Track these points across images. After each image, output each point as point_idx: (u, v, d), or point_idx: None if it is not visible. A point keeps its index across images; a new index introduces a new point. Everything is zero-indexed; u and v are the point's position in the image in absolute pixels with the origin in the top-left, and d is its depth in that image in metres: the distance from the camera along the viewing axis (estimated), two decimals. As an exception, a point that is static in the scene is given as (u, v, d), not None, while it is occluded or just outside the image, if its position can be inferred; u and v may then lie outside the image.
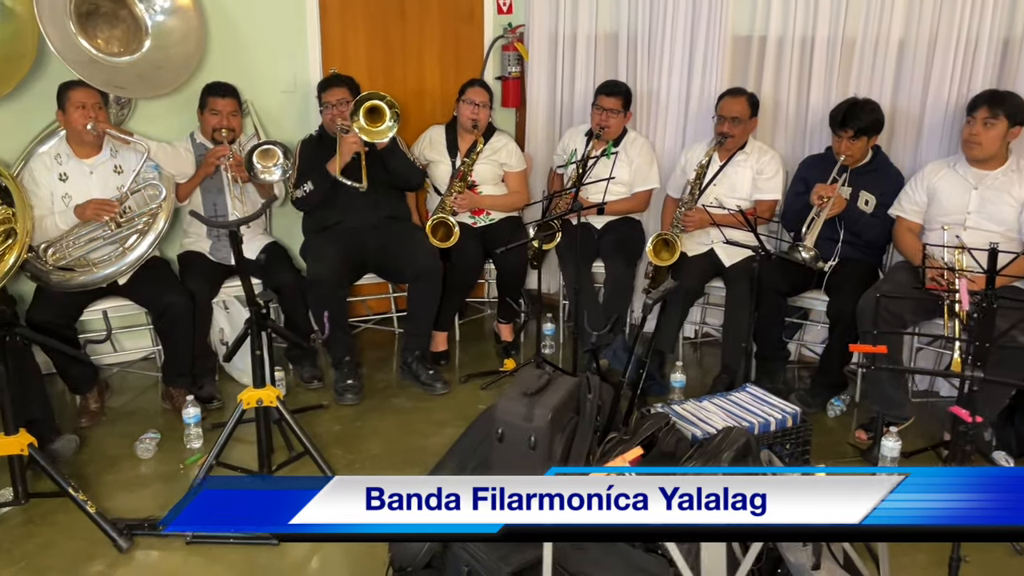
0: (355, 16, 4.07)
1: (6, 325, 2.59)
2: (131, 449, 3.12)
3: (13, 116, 3.41)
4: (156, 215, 3.34)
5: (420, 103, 4.25)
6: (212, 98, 3.54)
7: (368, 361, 3.91)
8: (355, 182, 3.50)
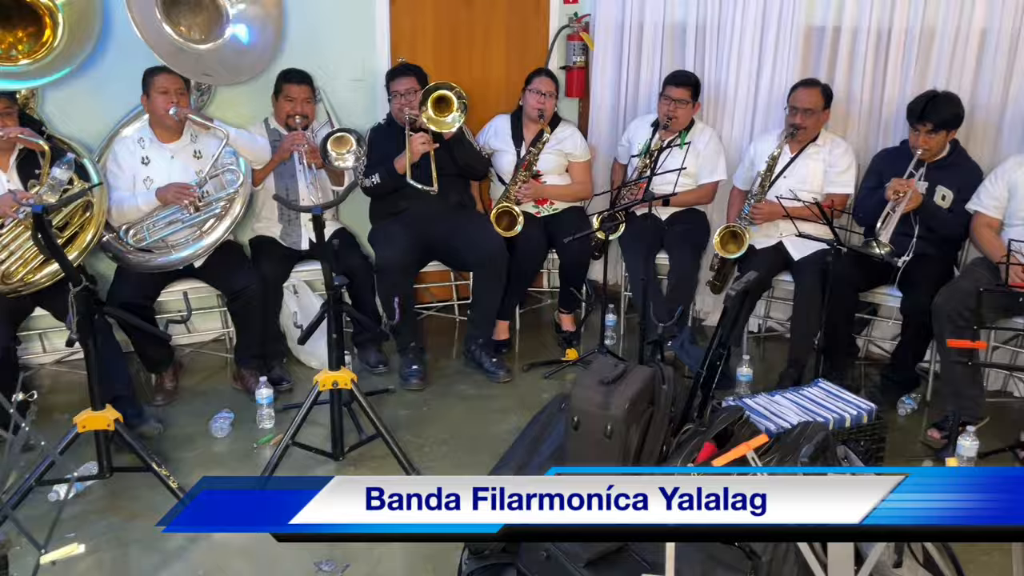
0: (423, 5, 4.11)
1: (94, 304, 2.66)
2: (206, 427, 3.20)
3: (99, 100, 3.51)
4: (233, 200, 3.42)
5: (485, 93, 4.27)
6: (287, 85, 3.59)
7: (431, 347, 3.95)
8: (426, 185, 3.51)
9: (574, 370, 3.78)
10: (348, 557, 2.50)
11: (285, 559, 2.50)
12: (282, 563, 2.49)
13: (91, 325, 2.63)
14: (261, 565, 2.50)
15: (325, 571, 2.45)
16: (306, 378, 3.64)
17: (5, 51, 3.17)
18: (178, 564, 2.48)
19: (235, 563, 2.49)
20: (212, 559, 2.48)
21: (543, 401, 3.40)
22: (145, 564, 2.47)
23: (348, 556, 2.51)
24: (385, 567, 2.51)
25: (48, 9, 3.17)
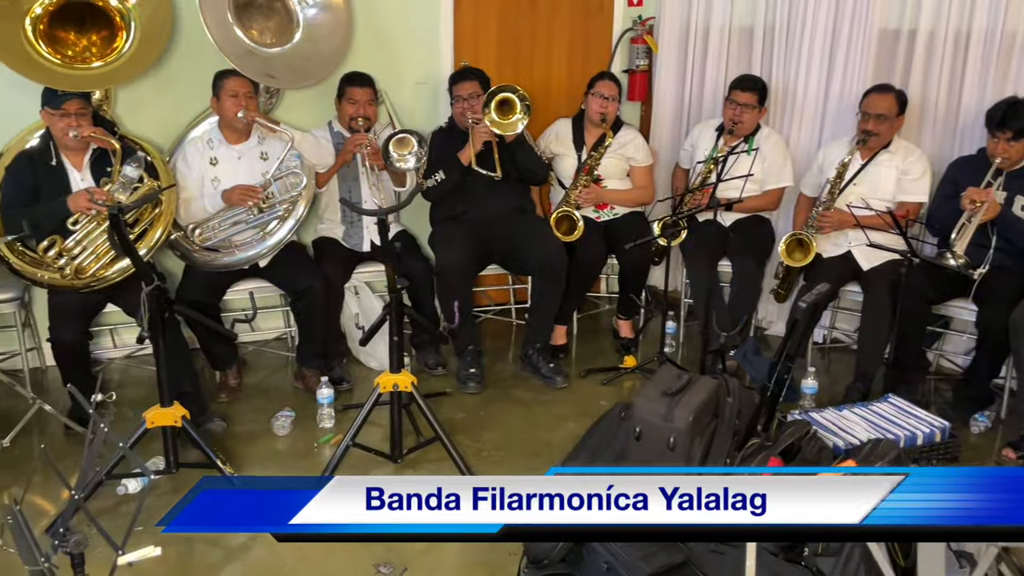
0: (488, 8, 4.11)
1: (165, 302, 2.72)
2: (268, 425, 3.25)
3: (170, 102, 3.59)
4: (296, 201, 3.46)
5: (547, 96, 4.25)
6: (350, 87, 3.62)
7: (487, 351, 3.95)
8: (489, 171, 3.52)
9: (632, 377, 3.74)
10: (405, 561, 2.51)
11: (344, 560, 2.51)
12: (341, 563, 2.51)
13: (162, 323, 2.69)
14: (320, 564, 2.52)
15: (383, 573, 2.46)
16: (365, 378, 3.68)
17: (79, 54, 3.27)
18: (240, 561, 2.52)
19: (295, 562, 2.51)
20: (274, 557, 2.51)
21: (601, 408, 3.38)
22: (209, 560, 2.51)
23: (405, 560, 2.51)
24: (441, 573, 2.51)
25: (120, 13, 3.26)
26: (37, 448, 3.07)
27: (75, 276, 3.02)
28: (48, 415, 3.07)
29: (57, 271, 3.02)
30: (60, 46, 3.22)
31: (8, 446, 2.97)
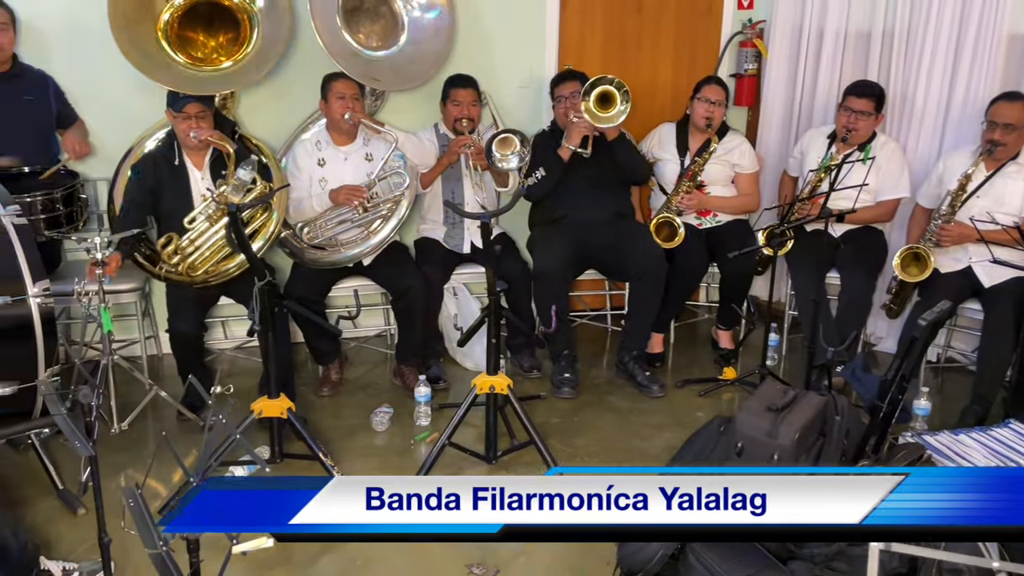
0: (593, 11, 4.09)
1: (276, 297, 2.82)
2: (367, 420, 3.32)
3: (281, 105, 3.71)
4: (399, 202, 3.52)
5: (651, 100, 4.20)
6: (454, 89, 3.66)
7: (582, 356, 3.92)
8: (582, 149, 3.52)
9: (731, 390, 3.65)
10: (499, 563, 2.52)
11: (439, 557, 2.55)
12: (436, 561, 2.54)
13: (272, 317, 2.79)
14: (416, 561, 2.55)
15: (476, 574, 2.48)
16: (461, 378, 3.72)
17: (207, 55, 3.42)
18: (338, 552, 2.57)
19: (393, 556, 2.56)
20: (372, 550, 2.56)
21: (698, 420, 3.32)
22: (308, 550, 2.58)
23: (499, 562, 2.52)
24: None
25: (247, 14, 3.39)
26: (154, 432, 3.23)
27: (188, 272, 3.17)
28: (162, 401, 3.23)
29: (172, 267, 3.17)
30: (190, 47, 3.38)
31: (126, 429, 3.13)
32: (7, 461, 2.95)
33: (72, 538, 2.56)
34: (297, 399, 3.18)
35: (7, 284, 2.46)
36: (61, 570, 2.28)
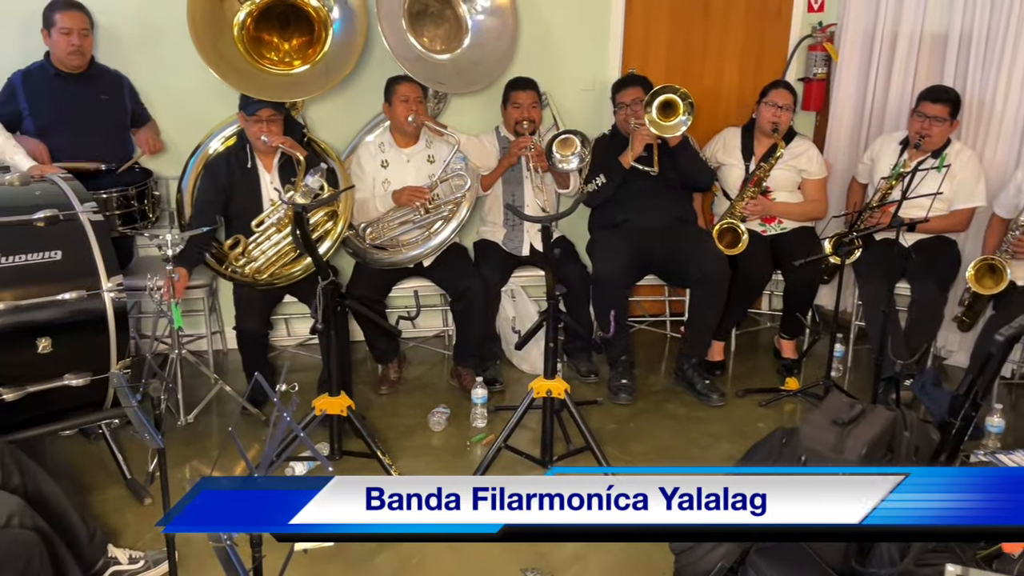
0: (659, 14, 4.05)
1: (339, 296, 2.86)
2: (424, 420, 3.34)
3: (346, 107, 3.77)
4: (460, 203, 3.53)
5: (715, 104, 4.14)
6: (514, 92, 3.67)
7: (640, 362, 3.88)
8: (647, 166, 3.47)
9: (793, 401, 3.56)
10: (552, 567, 2.51)
11: (494, 560, 2.55)
12: (490, 563, 2.54)
13: (334, 316, 2.83)
14: (470, 562, 2.56)
15: (529, 579, 2.47)
16: (517, 380, 3.72)
17: (281, 58, 3.49)
18: (394, 550, 2.58)
19: (447, 556, 2.57)
20: (427, 549, 2.57)
21: (759, 431, 3.25)
22: (363, 547, 2.59)
23: (553, 567, 2.51)
24: (590, 583, 2.50)
25: (322, 19, 3.45)
26: (218, 426, 3.30)
27: (252, 277, 3.24)
28: (226, 395, 3.30)
29: (239, 268, 3.25)
30: (264, 49, 3.45)
31: (191, 422, 3.21)
32: (78, 450, 3.05)
33: (138, 527, 2.63)
34: (356, 397, 3.21)
35: (83, 278, 2.55)
36: (128, 558, 2.35)
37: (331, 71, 3.47)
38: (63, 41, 3.19)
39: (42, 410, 2.58)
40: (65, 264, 2.54)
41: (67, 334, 2.53)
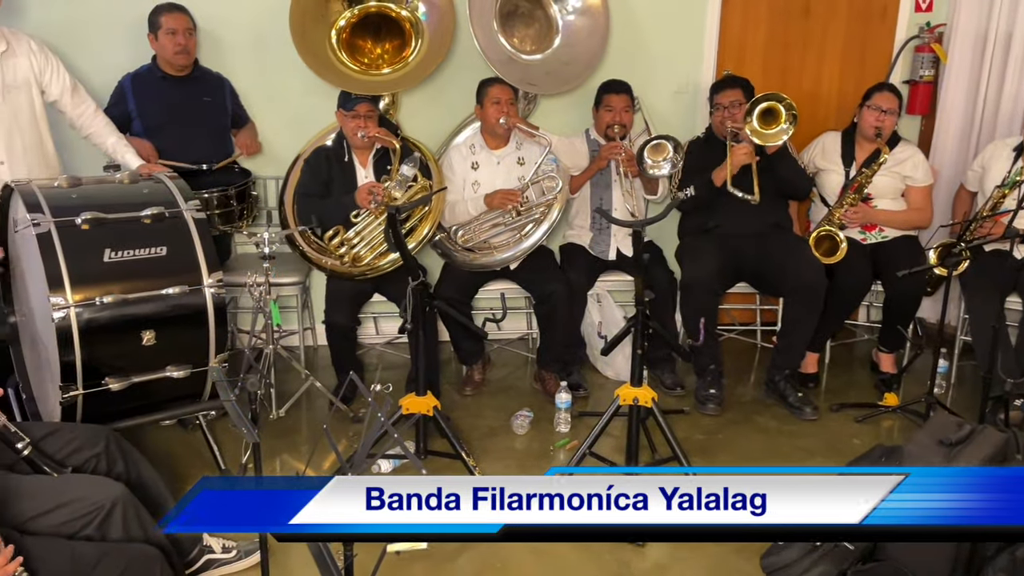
0: (757, 14, 3.94)
1: (428, 296, 2.88)
2: (507, 422, 3.33)
3: (437, 109, 3.79)
4: (551, 206, 3.51)
5: (814, 107, 4.00)
6: (607, 95, 3.62)
7: (729, 372, 3.78)
8: (747, 193, 3.37)
9: (892, 418, 3.41)
10: (634, 575, 2.47)
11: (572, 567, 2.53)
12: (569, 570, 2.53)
13: (423, 316, 2.85)
14: (551, 568, 2.54)
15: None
16: (601, 386, 3.67)
17: (373, 61, 3.55)
18: (476, 552, 2.58)
19: (529, 561, 2.55)
20: (509, 553, 2.56)
21: (854, 448, 3.13)
22: (446, 549, 2.59)
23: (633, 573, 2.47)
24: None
25: (411, 22, 3.49)
26: (307, 420, 3.37)
27: (352, 264, 3.30)
28: (316, 390, 3.37)
29: (338, 258, 3.31)
30: (358, 54, 3.53)
31: (283, 416, 3.29)
32: (176, 439, 3.16)
33: (232, 516, 2.70)
34: (441, 397, 3.23)
35: (186, 274, 2.63)
36: (221, 547, 2.41)
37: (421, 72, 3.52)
38: (169, 42, 3.32)
39: (144, 400, 2.67)
40: (169, 260, 2.62)
41: (169, 327, 2.61)
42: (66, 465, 2.22)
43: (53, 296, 2.43)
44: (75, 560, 1.90)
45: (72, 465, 2.23)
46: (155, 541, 2.10)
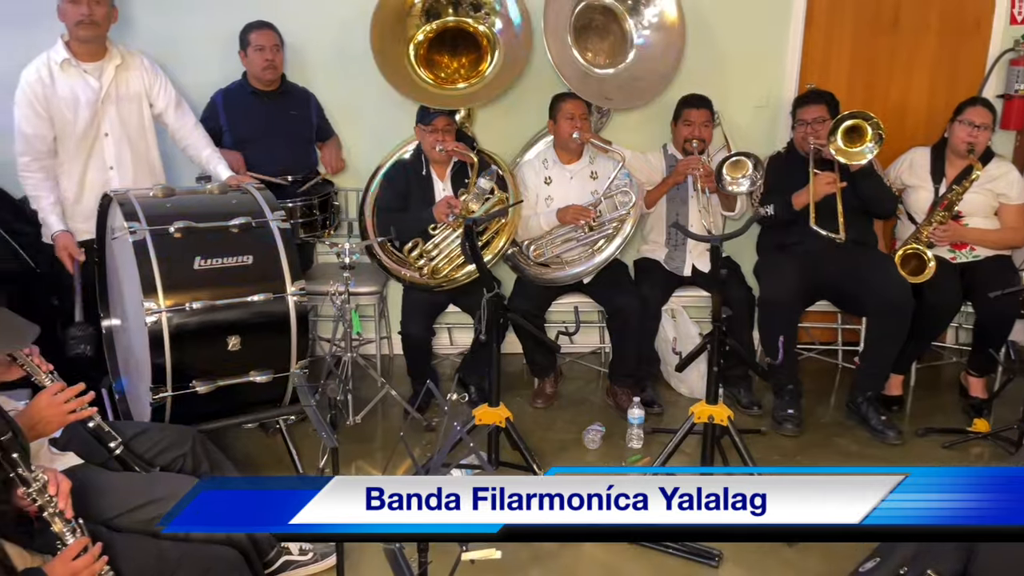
0: (842, 28, 3.86)
1: (502, 308, 2.90)
2: (578, 436, 3.32)
3: (511, 123, 3.84)
4: (624, 220, 3.50)
5: (901, 122, 3.88)
6: (687, 109, 3.59)
7: (808, 392, 3.67)
8: (831, 232, 3.28)
9: (982, 445, 3.27)
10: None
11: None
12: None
13: (497, 328, 2.87)
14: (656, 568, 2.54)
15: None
16: (674, 403, 3.63)
17: (449, 76, 3.61)
18: (549, 563, 2.58)
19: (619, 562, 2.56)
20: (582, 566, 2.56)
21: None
22: (519, 557, 2.60)
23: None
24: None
25: (487, 38, 3.54)
26: (382, 427, 3.43)
27: (431, 275, 3.35)
28: (391, 398, 3.43)
29: (416, 270, 3.37)
30: (435, 68, 3.60)
31: (359, 422, 3.35)
32: (257, 442, 3.25)
33: (308, 519, 2.76)
34: (511, 409, 3.24)
35: (270, 282, 2.71)
36: (299, 549, 2.46)
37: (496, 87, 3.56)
38: (258, 58, 3.44)
39: (229, 403, 2.76)
40: (255, 268, 2.71)
41: (253, 333, 2.69)
42: (154, 464, 2.30)
43: (146, 301, 2.53)
44: (160, 558, 1.95)
45: (160, 464, 2.31)
46: (236, 542, 2.15)
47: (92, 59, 3.06)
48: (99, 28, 3.03)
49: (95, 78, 3.06)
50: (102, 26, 3.04)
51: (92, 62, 3.06)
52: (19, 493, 1.68)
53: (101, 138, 3.11)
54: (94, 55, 3.07)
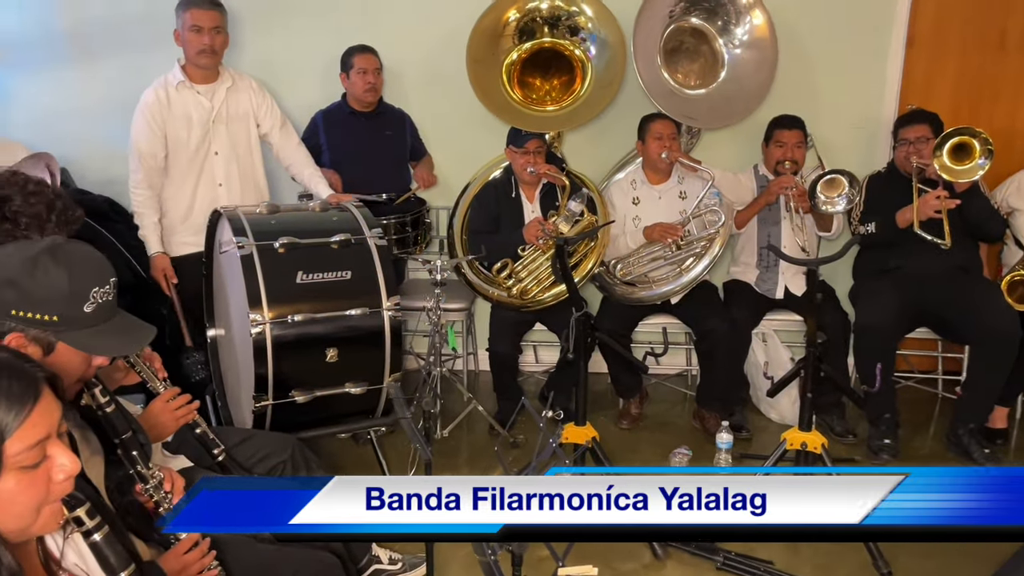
0: (946, 49, 3.75)
1: (590, 328, 2.91)
2: (664, 458, 3.28)
3: (600, 144, 3.86)
4: (713, 240, 3.47)
5: (1009, 144, 3.73)
6: (779, 130, 3.55)
7: (904, 422, 3.55)
8: (936, 237, 3.19)
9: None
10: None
11: None
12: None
13: (585, 346, 2.88)
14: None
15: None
16: (764, 429, 3.56)
17: (540, 98, 3.67)
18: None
19: None
20: None
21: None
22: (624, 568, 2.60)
23: None
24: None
25: (581, 62, 3.59)
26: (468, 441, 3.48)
27: (519, 296, 3.39)
28: (478, 414, 3.47)
29: (505, 290, 3.42)
30: (527, 89, 3.66)
31: (446, 436, 3.41)
32: (349, 452, 3.34)
33: (396, 529, 2.82)
34: (597, 429, 3.24)
35: (367, 296, 2.80)
36: (388, 558, 2.52)
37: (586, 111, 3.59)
38: (360, 80, 3.57)
39: (325, 413, 2.85)
40: (353, 283, 2.79)
41: (350, 346, 2.78)
42: (254, 471, 2.39)
43: (252, 313, 2.65)
44: (261, 561, 2.03)
45: (259, 471, 2.40)
46: (333, 548, 2.22)
47: (206, 81, 3.24)
48: (217, 56, 3.21)
49: (207, 99, 3.23)
50: (219, 54, 3.21)
51: (206, 84, 3.23)
52: (137, 489, 1.78)
53: (211, 156, 3.27)
54: (208, 78, 3.24)
